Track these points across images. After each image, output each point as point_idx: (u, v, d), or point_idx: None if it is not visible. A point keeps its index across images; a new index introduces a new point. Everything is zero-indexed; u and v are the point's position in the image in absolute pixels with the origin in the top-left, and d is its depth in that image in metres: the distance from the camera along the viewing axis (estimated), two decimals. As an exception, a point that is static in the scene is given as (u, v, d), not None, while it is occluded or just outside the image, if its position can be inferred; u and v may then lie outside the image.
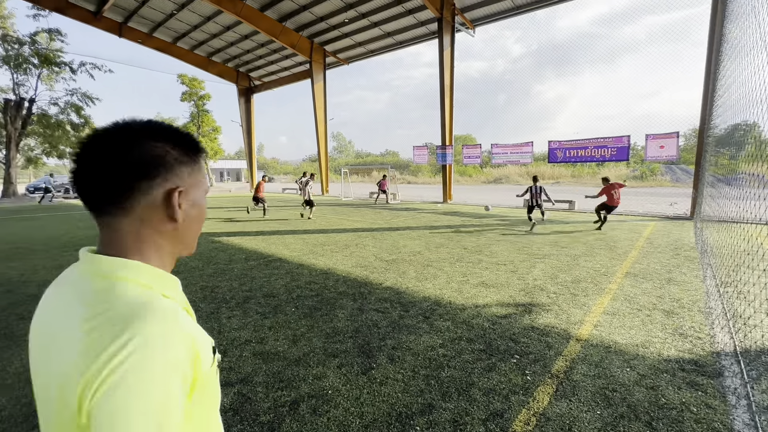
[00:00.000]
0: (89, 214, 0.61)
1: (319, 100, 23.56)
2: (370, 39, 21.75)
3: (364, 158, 77.89)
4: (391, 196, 19.99)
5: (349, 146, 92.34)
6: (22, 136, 23.55)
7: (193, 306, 4.15)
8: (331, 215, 13.17)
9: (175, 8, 20.50)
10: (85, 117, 25.27)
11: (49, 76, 24.03)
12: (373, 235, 8.81)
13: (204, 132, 33.69)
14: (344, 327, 3.60)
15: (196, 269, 5.81)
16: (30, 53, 22.56)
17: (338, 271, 5.62)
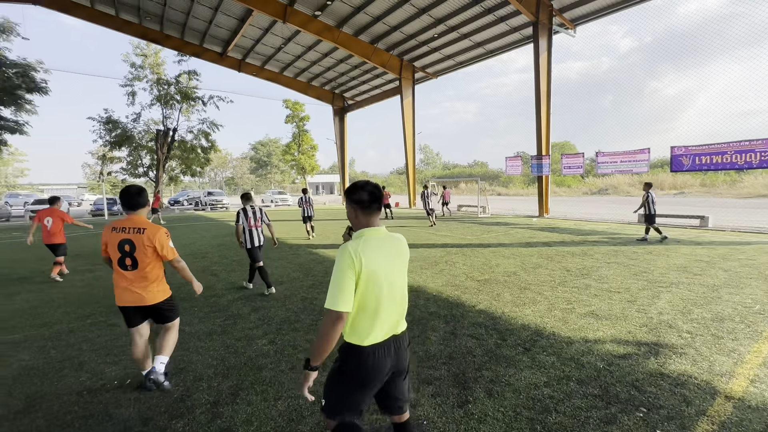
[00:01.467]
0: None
1: (407, 116, 24.09)
2: (459, 51, 21.60)
3: (451, 170, 77.01)
4: (480, 209, 19.28)
5: (436, 158, 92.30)
6: (167, 159, 28.73)
7: (295, 317, 4.46)
8: (419, 229, 13.20)
9: (282, 42, 23.13)
10: (211, 141, 29.81)
11: (187, 109, 29.01)
12: (462, 252, 8.55)
13: (303, 150, 36.96)
14: (437, 351, 3.50)
15: (296, 280, 6.30)
16: (175, 92, 27.57)
17: (428, 290, 5.55)
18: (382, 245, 1.70)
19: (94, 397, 2.86)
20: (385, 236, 1.76)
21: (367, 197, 1.70)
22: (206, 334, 4.03)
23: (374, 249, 1.64)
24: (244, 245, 5.41)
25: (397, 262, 1.75)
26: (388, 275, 1.67)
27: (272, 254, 8.70)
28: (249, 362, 3.37)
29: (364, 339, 1.64)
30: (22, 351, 3.73)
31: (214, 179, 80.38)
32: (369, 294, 1.61)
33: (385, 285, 1.64)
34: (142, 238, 2.80)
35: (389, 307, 1.68)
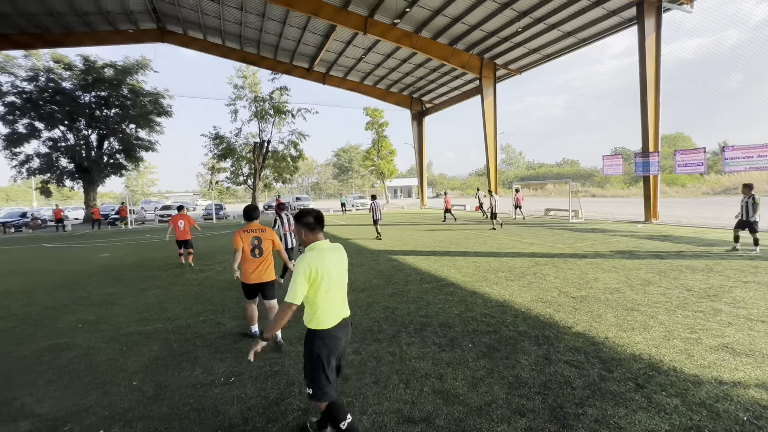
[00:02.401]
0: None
1: (488, 115, 23.13)
2: (546, 43, 20.07)
3: (536, 169, 71.94)
4: (572, 214, 17.59)
5: (519, 158, 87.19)
6: (263, 168, 31.84)
7: (377, 327, 4.50)
8: (502, 235, 12.51)
9: (363, 53, 24.01)
10: (299, 150, 32.25)
11: (279, 122, 31.82)
12: (553, 263, 7.85)
13: (383, 155, 37.90)
14: (529, 378, 3.21)
15: (378, 288, 6.40)
16: (269, 107, 30.46)
17: (516, 305, 5.17)
18: (329, 254, 2.32)
19: (205, 391, 3.22)
20: (329, 247, 2.37)
21: (312, 220, 2.35)
22: (297, 339, 4.28)
23: (324, 258, 2.27)
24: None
25: (340, 265, 2.42)
26: (335, 275, 2.33)
27: (355, 260, 8.99)
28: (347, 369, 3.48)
29: (327, 324, 2.29)
30: (152, 342, 4.38)
31: (301, 185, 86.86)
32: (324, 290, 2.26)
33: (333, 282, 2.31)
34: (264, 235, 4.30)
35: (337, 297, 2.36)
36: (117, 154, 28.19)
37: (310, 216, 2.35)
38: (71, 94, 25.29)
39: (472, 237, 12.31)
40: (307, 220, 2.34)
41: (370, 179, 58.07)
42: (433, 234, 13.61)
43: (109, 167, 27.87)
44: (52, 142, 25.93)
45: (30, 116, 24.69)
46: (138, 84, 27.61)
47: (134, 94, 27.15)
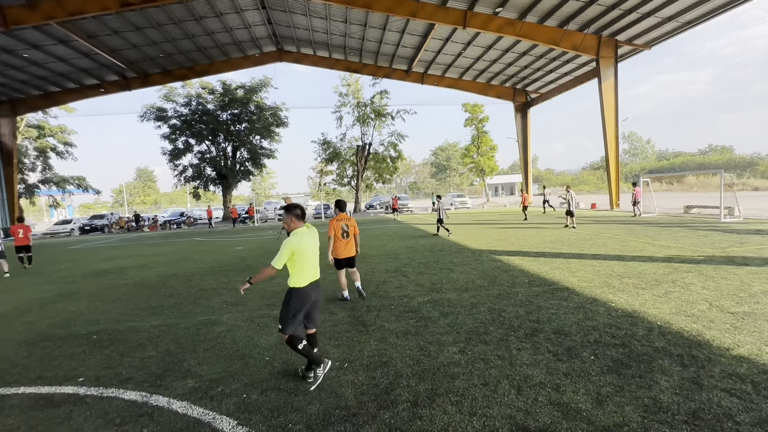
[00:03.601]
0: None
1: (608, 100, 20.39)
2: (687, 7, 16.80)
3: (670, 159, 60.80)
4: (725, 212, 14.39)
5: (647, 146, 75.00)
6: (365, 170, 33.62)
7: (483, 328, 4.36)
8: (627, 236, 10.90)
9: (462, 48, 23.47)
10: (398, 151, 33.16)
11: (379, 125, 33.21)
12: (699, 270, 6.53)
13: (483, 151, 36.49)
14: (672, 403, 2.74)
15: (482, 288, 6.18)
16: (370, 111, 32.01)
17: (649, 317, 4.46)
18: (306, 236, 3.32)
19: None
20: (306, 231, 3.36)
21: (299, 212, 3.36)
22: (402, 333, 4.41)
23: (302, 239, 3.25)
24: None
25: (314, 243, 3.40)
26: (310, 250, 3.32)
27: (455, 260, 8.87)
28: (442, 368, 3.48)
29: (301, 284, 3.29)
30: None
31: (400, 184, 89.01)
32: (303, 261, 3.25)
33: (308, 255, 3.31)
34: (350, 222, 5.77)
35: (311, 266, 3.38)
36: (246, 162, 32.91)
37: (298, 209, 3.39)
38: (213, 114, 30.42)
39: (589, 238, 11.01)
40: (296, 213, 3.37)
41: (469, 177, 56.49)
42: (541, 234, 12.58)
43: (240, 173, 32.71)
44: (200, 155, 31.59)
45: (186, 134, 30.47)
46: (261, 100, 31.79)
47: (259, 110, 31.34)
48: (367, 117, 32.16)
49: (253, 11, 21.59)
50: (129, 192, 77.79)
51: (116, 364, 4.00)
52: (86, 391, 3.44)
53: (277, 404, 3.05)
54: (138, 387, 3.47)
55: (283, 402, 3.08)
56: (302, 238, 3.26)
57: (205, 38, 23.12)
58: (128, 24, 19.77)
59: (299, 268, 3.27)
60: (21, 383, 3.69)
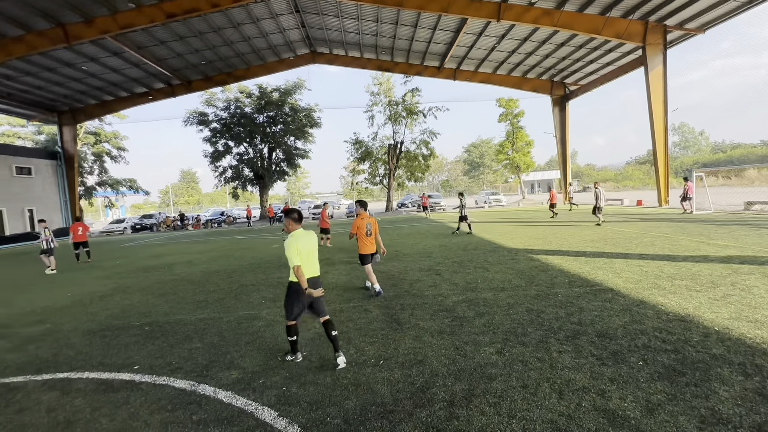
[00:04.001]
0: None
1: (655, 90, 19.11)
2: (746, -15, 15.40)
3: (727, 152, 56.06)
4: (793, 208, 13.07)
5: (700, 138, 69.69)
6: (396, 168, 33.63)
7: (521, 329, 4.25)
8: (678, 235, 10.18)
9: (496, 42, 22.86)
10: (430, 149, 32.88)
11: (411, 123, 33.07)
12: (763, 271, 5.99)
13: (518, 147, 35.41)
14: (733, 415, 2.53)
15: (519, 288, 6.01)
16: (402, 109, 31.94)
17: (705, 322, 4.14)
18: (303, 237, 3.71)
19: (359, 369, 3.59)
20: (303, 233, 3.76)
21: (297, 216, 3.78)
22: (437, 332, 4.38)
23: (300, 240, 3.65)
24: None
25: (310, 244, 3.78)
26: (307, 250, 3.72)
27: (490, 258, 8.68)
28: (478, 369, 3.42)
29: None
30: (315, 321, 5.11)
31: (431, 183, 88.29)
32: (304, 257, 3.65)
33: (304, 254, 3.66)
34: (372, 221, 6.29)
35: (308, 263, 3.72)
36: (281, 163, 33.91)
37: (296, 213, 3.82)
38: (251, 117, 31.57)
39: (634, 237, 10.39)
40: (294, 216, 3.79)
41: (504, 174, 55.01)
42: (582, 232, 12.03)
43: (276, 174, 33.75)
44: (239, 156, 32.91)
45: (225, 137, 31.85)
46: (296, 102, 32.61)
47: (293, 111, 32.17)
48: (398, 115, 32.12)
49: (288, 15, 22.18)
50: (174, 193, 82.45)
51: (167, 354, 4.27)
52: (141, 378, 3.70)
53: (315, 398, 3.13)
54: (186, 376, 3.69)
55: (321, 396, 3.15)
56: (299, 239, 3.67)
57: (242, 44, 24.03)
58: (173, 34, 20.94)
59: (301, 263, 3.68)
60: (85, 369, 4.03)
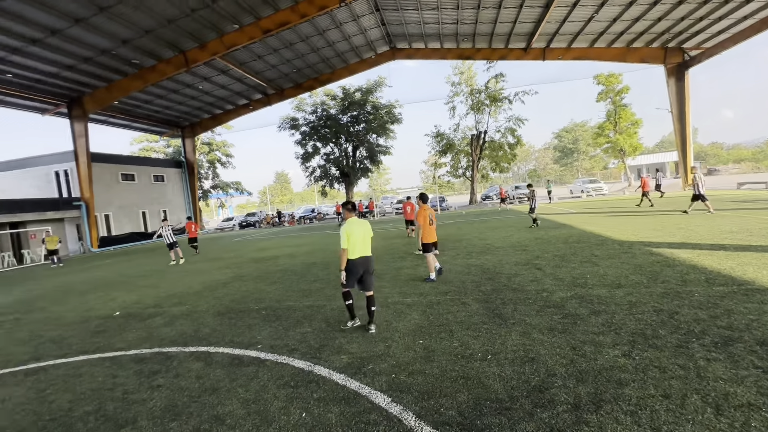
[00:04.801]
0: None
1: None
2: None
3: None
4: None
5: None
6: (480, 159, 32.37)
7: (650, 331, 3.75)
8: None
9: (593, 11, 20.44)
10: (517, 137, 30.89)
11: (494, 111, 31.46)
12: None
13: (621, 128, 31.35)
14: None
15: (640, 285, 5.29)
16: (484, 97, 30.57)
17: None
18: (356, 224, 4.58)
19: (466, 363, 3.50)
20: (356, 220, 4.65)
21: (351, 207, 4.84)
22: (547, 329, 4.07)
23: (352, 225, 4.53)
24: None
25: (362, 230, 4.62)
26: (357, 234, 4.53)
27: (598, 252, 7.82)
28: (604, 372, 3.08)
29: (353, 256, 4.50)
30: (413, 311, 5.16)
31: (517, 173, 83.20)
32: (353, 240, 4.48)
33: (356, 237, 4.51)
34: (432, 212, 6.95)
35: (360, 244, 4.56)
36: (365, 160, 35.11)
37: (350, 204, 4.89)
38: (335, 118, 33.25)
39: None
40: (348, 207, 4.85)
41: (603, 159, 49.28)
42: (713, 221, 10.14)
43: (360, 171, 35.08)
44: (326, 156, 34.96)
45: (314, 139, 34.09)
46: (376, 100, 33.39)
47: (374, 109, 33.00)
48: (481, 104, 30.81)
49: (368, 16, 22.73)
50: (270, 193, 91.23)
51: (283, 336, 4.70)
52: (265, 356, 4.13)
53: (425, 388, 3.14)
54: (303, 357, 4.01)
55: (431, 386, 3.15)
56: (352, 225, 4.57)
57: (327, 50, 25.36)
58: (268, 48, 23.01)
59: (351, 246, 4.52)
60: (220, 344, 4.65)
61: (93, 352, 4.87)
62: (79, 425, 3.11)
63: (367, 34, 24.96)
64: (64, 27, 16.43)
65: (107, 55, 19.31)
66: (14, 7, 14.61)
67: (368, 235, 4.69)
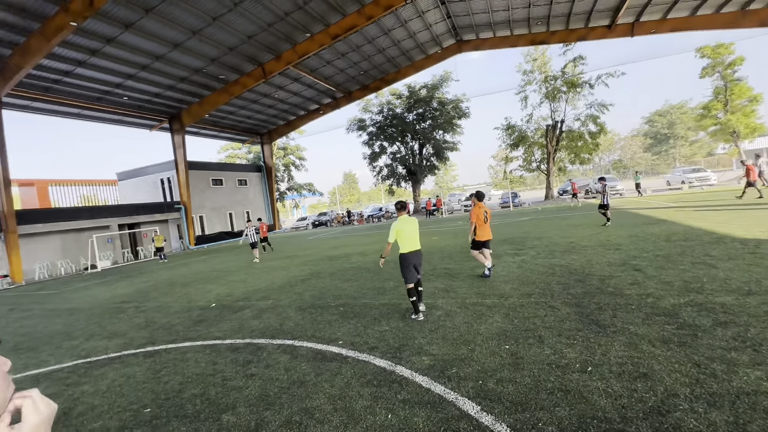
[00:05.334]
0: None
1: None
2: None
3: None
4: None
5: None
6: (556, 151, 30.03)
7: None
8: None
9: (697, -27, 17.65)
10: (600, 125, 28.04)
11: (573, 98, 28.91)
12: None
13: (734, 107, 26.75)
14: None
15: None
16: (561, 84, 28.26)
17: None
18: (406, 221, 5.18)
19: (562, 373, 3.17)
20: (406, 218, 5.22)
21: (400, 206, 5.28)
22: (659, 341, 3.53)
23: (402, 222, 5.14)
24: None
25: (412, 226, 5.18)
26: (407, 230, 5.13)
27: (715, 252, 6.70)
28: (744, 397, 2.56)
29: (404, 250, 5.11)
30: (495, 314, 4.87)
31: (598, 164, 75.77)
32: (403, 236, 5.11)
33: (406, 233, 5.11)
34: (488, 210, 6.98)
35: (410, 240, 5.13)
36: (431, 158, 34.70)
37: (400, 203, 5.25)
38: (401, 116, 33.34)
39: None
40: (397, 206, 5.27)
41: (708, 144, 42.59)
42: None
43: (426, 169, 34.77)
44: (392, 155, 35.27)
45: (380, 139, 34.59)
46: (442, 96, 32.75)
47: (441, 105, 32.42)
48: (557, 91, 28.50)
49: (433, 10, 22.34)
50: (339, 193, 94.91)
51: (362, 333, 4.75)
52: (347, 353, 4.20)
53: (517, 398, 2.90)
54: (383, 356, 3.99)
55: (524, 397, 2.90)
56: (402, 222, 5.17)
57: (392, 49, 25.50)
58: (336, 53, 23.84)
59: (402, 241, 5.14)
60: (303, 338, 4.85)
61: (195, 339, 5.41)
62: (189, 406, 3.44)
63: (432, 29, 24.58)
64: (165, 52, 18.76)
65: (199, 73, 21.64)
66: (129, 39, 17.06)
67: (417, 232, 5.25)
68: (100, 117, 24.58)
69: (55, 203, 28.81)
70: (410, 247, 5.11)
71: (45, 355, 5.61)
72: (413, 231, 5.16)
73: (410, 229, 5.14)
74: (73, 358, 5.29)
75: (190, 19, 16.93)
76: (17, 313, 9.73)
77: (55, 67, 18.07)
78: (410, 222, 5.19)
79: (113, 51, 17.70)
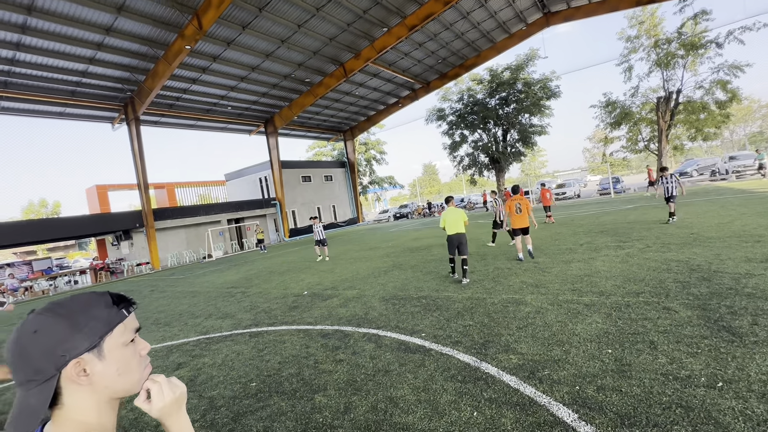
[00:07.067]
0: None
1: None
2: None
3: None
4: None
5: None
6: (670, 128, 25.74)
7: None
8: None
9: None
10: (732, 91, 23.19)
11: (693, 62, 24.37)
12: None
13: None
14: None
15: None
16: (677, 47, 24.03)
17: None
18: (451, 211, 7.07)
19: (683, 387, 2.72)
20: (452, 209, 7.12)
21: (447, 200, 7.40)
22: None
23: (448, 212, 7.08)
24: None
25: (457, 215, 6.97)
26: (451, 218, 6.99)
27: None
28: None
29: (449, 233, 7.00)
30: (593, 313, 4.39)
31: (729, 139, 62.99)
32: (449, 222, 6.99)
33: (450, 220, 6.98)
34: (522, 201, 8.03)
35: (455, 225, 6.94)
36: (516, 144, 32.56)
37: (448, 197, 7.31)
38: (483, 102, 31.84)
39: None
40: (448, 198, 7.36)
41: None
42: None
43: (511, 156, 32.75)
44: (474, 144, 33.96)
45: (461, 127, 33.55)
46: (528, 76, 30.35)
47: (526, 86, 30.10)
48: (671, 56, 24.27)
49: (517, -16, 20.73)
50: (419, 185, 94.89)
51: (445, 327, 4.69)
52: (429, 345, 4.19)
53: (623, 409, 2.57)
54: (467, 351, 3.89)
55: (632, 409, 2.56)
56: (448, 212, 6.95)
57: (472, 32, 24.40)
58: (413, 44, 23.67)
59: (448, 226, 6.91)
60: (387, 328, 4.97)
61: (291, 323, 5.93)
62: (286, 384, 3.78)
63: (515, 5, 22.88)
64: (259, 62, 20.69)
65: (288, 78, 23.43)
66: (230, 55, 19.22)
67: (461, 219, 6.92)
68: (209, 126, 28.27)
69: (180, 202, 34.10)
70: (454, 230, 6.88)
71: (176, 330, 6.70)
72: (458, 219, 6.90)
73: (454, 217, 6.90)
74: (197, 333, 6.22)
75: (278, 30, 18.38)
76: (156, 294, 11.79)
77: (176, 87, 21.23)
78: (455, 212, 6.95)
79: (218, 67, 20.13)
